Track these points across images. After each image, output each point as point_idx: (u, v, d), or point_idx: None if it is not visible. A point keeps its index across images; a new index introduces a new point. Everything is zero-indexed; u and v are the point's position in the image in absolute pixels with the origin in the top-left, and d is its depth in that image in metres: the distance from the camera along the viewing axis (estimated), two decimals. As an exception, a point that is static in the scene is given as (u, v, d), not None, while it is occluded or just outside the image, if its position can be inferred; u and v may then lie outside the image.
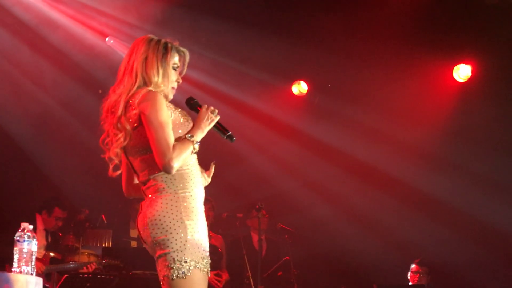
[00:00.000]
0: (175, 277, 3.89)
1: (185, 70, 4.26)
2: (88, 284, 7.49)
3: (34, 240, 5.48)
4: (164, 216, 3.92)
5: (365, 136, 10.30)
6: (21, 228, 5.26)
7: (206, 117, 4.04)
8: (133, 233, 9.90)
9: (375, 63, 9.75)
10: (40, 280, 6.72)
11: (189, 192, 4.01)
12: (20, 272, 5.36)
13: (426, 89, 10.02)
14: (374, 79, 9.99)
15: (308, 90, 10.77)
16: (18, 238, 4.88)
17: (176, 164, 3.87)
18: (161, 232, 3.91)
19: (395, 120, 10.16)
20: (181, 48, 4.23)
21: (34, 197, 9.37)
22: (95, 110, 10.48)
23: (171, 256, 3.89)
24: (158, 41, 4.16)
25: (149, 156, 3.99)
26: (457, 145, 10.02)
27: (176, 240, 3.89)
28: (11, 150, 9.96)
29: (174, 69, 4.18)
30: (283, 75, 10.51)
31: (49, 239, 8.66)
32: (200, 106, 4.15)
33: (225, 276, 8.84)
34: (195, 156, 4.09)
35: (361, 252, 10.16)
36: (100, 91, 8.16)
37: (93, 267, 8.06)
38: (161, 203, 3.95)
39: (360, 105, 10.29)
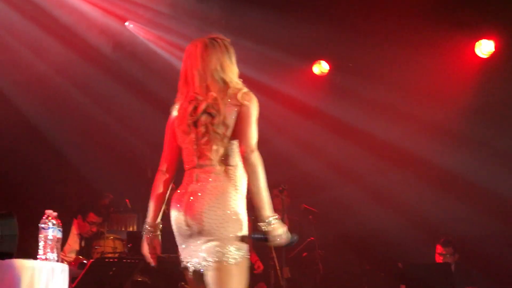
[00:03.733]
0: (230, 263, 4.14)
1: None
2: (114, 269, 7.50)
3: (59, 227, 5.50)
4: (225, 206, 4.16)
5: (387, 115, 10.26)
6: (46, 215, 5.25)
7: (284, 235, 4.28)
8: (158, 217, 9.93)
9: (396, 41, 9.68)
10: (66, 267, 6.76)
11: (244, 188, 4.25)
12: (46, 259, 5.38)
13: (448, 66, 9.93)
14: (395, 57, 9.93)
15: (329, 70, 10.74)
16: (42, 225, 4.90)
17: (256, 155, 4.15)
18: (217, 218, 4.15)
19: (417, 98, 10.10)
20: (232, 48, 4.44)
21: (58, 184, 9.41)
22: (116, 96, 10.56)
23: (232, 244, 4.15)
24: (221, 43, 4.39)
25: (227, 145, 4.26)
26: (479, 122, 9.95)
27: (234, 229, 4.15)
28: (30, 135, 10.00)
29: None
30: (303, 55, 10.47)
31: (83, 244, 8.67)
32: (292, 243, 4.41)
33: (255, 259, 8.83)
34: None
35: (385, 231, 10.12)
36: None
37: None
38: (224, 194, 4.19)
39: (381, 84, 10.23)
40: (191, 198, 4.24)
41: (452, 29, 9.46)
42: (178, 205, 4.31)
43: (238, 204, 4.20)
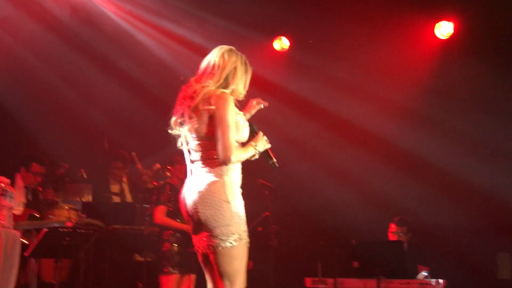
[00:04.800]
0: (223, 247, 4.58)
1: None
2: (67, 239, 7.48)
3: (12, 195, 5.46)
4: (210, 195, 4.62)
5: (346, 93, 10.29)
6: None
7: (262, 142, 4.79)
8: (114, 188, 9.90)
9: (357, 19, 9.71)
10: (17, 235, 6.74)
11: (232, 177, 4.69)
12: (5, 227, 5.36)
13: (408, 46, 10.00)
14: (356, 35, 9.96)
15: (289, 46, 10.74)
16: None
17: (232, 160, 4.59)
18: (207, 209, 4.61)
19: (376, 77, 10.15)
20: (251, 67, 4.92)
21: (13, 154, 9.31)
22: (75, 66, 10.46)
23: (220, 230, 4.58)
24: (241, 55, 4.88)
25: (209, 142, 4.69)
26: (438, 103, 10.03)
27: (223, 216, 4.58)
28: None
29: (248, 79, 4.89)
30: (264, 31, 10.45)
31: (29, 197, 8.62)
32: (257, 132, 4.83)
33: None
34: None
35: (341, 209, 10.20)
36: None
37: (73, 223, 8.04)
38: (208, 184, 4.65)
39: (341, 61, 10.26)
40: (188, 192, 4.76)
41: (412, 10, 9.53)
42: (182, 198, 4.84)
43: (229, 193, 4.63)
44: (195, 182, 4.74)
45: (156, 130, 10.35)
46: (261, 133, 4.82)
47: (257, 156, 4.77)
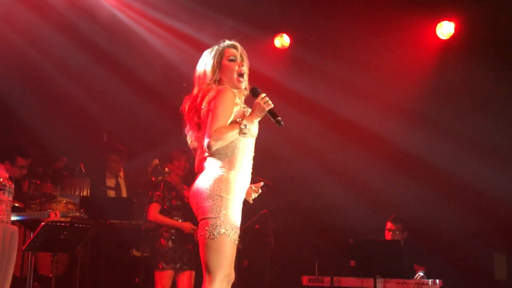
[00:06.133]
0: (207, 237, 4.68)
1: (245, 59, 5.06)
2: (65, 233, 7.50)
3: (11, 189, 5.46)
4: (208, 188, 4.73)
5: (346, 92, 10.27)
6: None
7: (259, 107, 4.78)
8: (110, 183, 9.90)
9: (359, 18, 9.71)
10: (16, 230, 6.74)
11: (231, 174, 4.76)
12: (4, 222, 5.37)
13: (409, 46, 9.98)
14: (357, 34, 9.96)
15: (290, 44, 10.73)
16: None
17: (213, 143, 4.68)
18: (204, 201, 4.73)
19: (377, 76, 10.14)
20: (231, 42, 5.04)
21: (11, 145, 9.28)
22: (75, 60, 10.44)
23: (208, 221, 4.69)
24: (217, 47, 4.99)
25: None
26: (438, 103, 10.02)
27: (214, 209, 4.69)
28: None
29: (232, 60, 4.98)
30: (265, 28, 10.44)
31: (12, 187, 8.57)
32: (259, 95, 4.83)
33: None
34: (250, 146, 4.89)
35: (339, 207, 10.19)
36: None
37: (57, 216, 8.02)
38: (209, 177, 4.76)
39: (342, 60, 10.25)
40: (194, 185, 4.87)
41: (414, 10, 9.51)
42: (191, 191, 4.92)
43: (225, 188, 4.72)
44: (202, 176, 4.85)
45: (156, 125, 10.46)
46: (261, 96, 4.82)
47: (246, 132, 4.73)
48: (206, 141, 4.70)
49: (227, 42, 5.04)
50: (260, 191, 5.20)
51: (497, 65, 9.42)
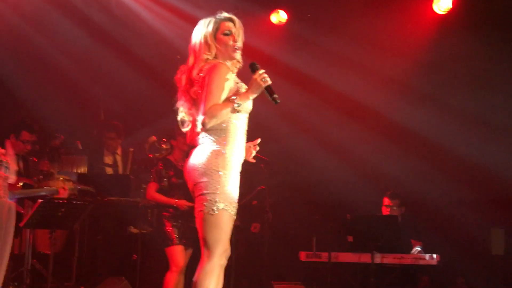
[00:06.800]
0: (206, 213, 4.69)
1: (239, 33, 5.01)
2: (62, 210, 7.50)
3: (7, 164, 5.44)
4: (204, 164, 4.73)
5: (344, 67, 10.26)
6: (-6, 153, 5.21)
7: (256, 83, 4.72)
8: (108, 160, 9.89)
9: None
10: (13, 205, 6.73)
11: (227, 149, 4.75)
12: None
13: (406, 21, 9.97)
14: (354, 9, 9.93)
15: (287, 19, 10.69)
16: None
17: (208, 121, 4.67)
18: (201, 177, 4.73)
19: (374, 51, 10.11)
20: (228, 15, 5.01)
21: (8, 123, 9.29)
22: (72, 37, 10.40)
23: (206, 197, 4.70)
24: (211, 19, 4.95)
25: None
26: (435, 78, 10.03)
27: (211, 184, 4.69)
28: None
29: (227, 34, 4.93)
30: (262, 3, 10.40)
31: (21, 165, 8.60)
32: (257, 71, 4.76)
33: None
34: (243, 122, 4.87)
35: (336, 182, 10.20)
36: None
37: (66, 191, 8.04)
38: (204, 153, 4.76)
39: (339, 35, 10.22)
40: (190, 161, 4.86)
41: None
42: (187, 167, 4.91)
43: (222, 163, 4.72)
44: (197, 152, 4.84)
45: (152, 102, 10.44)
46: (258, 72, 4.76)
47: (238, 109, 4.71)
48: (200, 118, 4.69)
49: (224, 15, 5.00)
50: (258, 148, 5.11)
51: (494, 40, 9.41)
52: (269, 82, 4.77)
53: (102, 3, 10.23)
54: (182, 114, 4.98)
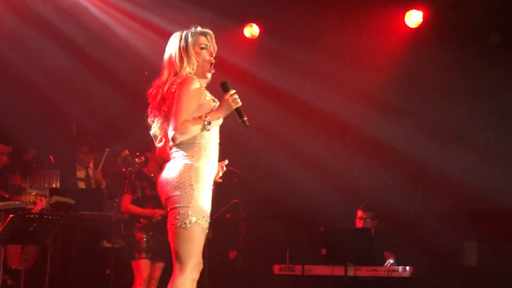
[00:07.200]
0: (178, 226, 4.68)
1: (215, 47, 5.03)
2: (34, 225, 7.44)
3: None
4: (177, 178, 4.73)
5: (317, 81, 10.29)
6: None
7: (227, 104, 4.75)
8: (80, 174, 9.85)
9: (327, 6, 9.72)
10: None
11: (200, 163, 4.76)
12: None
13: (378, 34, 10.01)
14: (326, 23, 9.96)
15: (260, 33, 10.71)
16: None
17: (179, 136, 4.67)
18: (174, 190, 4.72)
19: (346, 65, 10.15)
20: (204, 30, 5.01)
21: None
22: (44, 52, 10.34)
23: (178, 210, 4.69)
24: (186, 33, 4.94)
25: None
26: (407, 92, 10.07)
27: (184, 198, 4.69)
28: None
29: (203, 48, 4.95)
30: (235, 17, 10.41)
31: (-5, 177, 8.56)
32: (228, 91, 4.79)
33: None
34: (216, 134, 4.89)
35: (310, 196, 10.21)
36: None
37: (43, 202, 7.97)
38: (177, 167, 4.77)
39: (312, 49, 10.26)
40: (162, 175, 4.88)
41: (383, -2, 9.56)
42: (159, 181, 4.93)
43: (195, 177, 4.72)
44: (169, 167, 4.84)
45: (125, 116, 10.41)
46: (230, 93, 4.78)
47: (208, 128, 4.71)
48: (171, 133, 4.69)
49: (199, 29, 5.00)
50: (225, 168, 5.11)
51: (465, 53, 9.48)
52: (240, 103, 4.79)
53: (76, 18, 10.20)
54: (155, 129, 4.96)
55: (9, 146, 8.58)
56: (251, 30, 10.72)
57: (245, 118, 4.82)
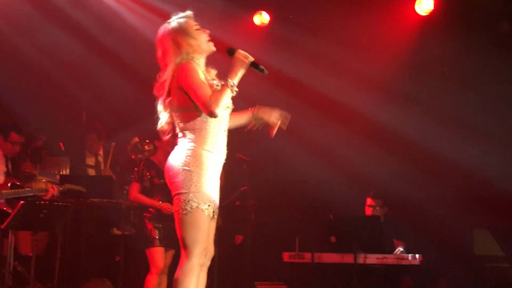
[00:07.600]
0: (181, 213, 4.71)
1: None
2: (44, 211, 7.48)
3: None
4: (179, 163, 4.76)
5: (326, 69, 10.27)
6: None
7: (240, 61, 4.80)
8: (90, 161, 9.87)
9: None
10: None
11: (206, 150, 4.78)
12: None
13: (388, 22, 9.98)
14: (336, 11, 9.94)
15: (269, 21, 10.69)
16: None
17: (216, 109, 4.64)
18: (176, 176, 4.76)
19: (356, 52, 10.13)
20: (188, 13, 5.02)
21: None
22: (54, 39, 10.36)
23: (180, 196, 4.72)
24: (176, 20, 4.96)
25: (183, 114, 4.83)
26: (417, 79, 10.05)
27: (185, 183, 4.71)
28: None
29: (198, 29, 4.96)
30: (244, 5, 10.40)
31: (9, 166, 8.56)
32: (235, 54, 4.82)
33: None
34: (222, 119, 4.87)
35: (319, 183, 10.22)
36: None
37: (55, 190, 7.99)
38: (180, 153, 4.80)
39: (322, 37, 10.24)
40: (168, 161, 4.90)
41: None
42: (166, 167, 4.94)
43: (196, 162, 4.73)
44: (174, 152, 4.87)
45: (135, 104, 10.42)
46: (238, 51, 4.82)
47: (236, 89, 4.75)
48: (207, 110, 4.65)
49: (187, 13, 5.03)
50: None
51: (475, 41, 9.45)
52: (252, 58, 4.84)
53: (86, 5, 10.19)
54: (162, 124, 4.98)
55: (23, 136, 8.60)
56: (261, 18, 10.70)
57: (262, 67, 4.90)
